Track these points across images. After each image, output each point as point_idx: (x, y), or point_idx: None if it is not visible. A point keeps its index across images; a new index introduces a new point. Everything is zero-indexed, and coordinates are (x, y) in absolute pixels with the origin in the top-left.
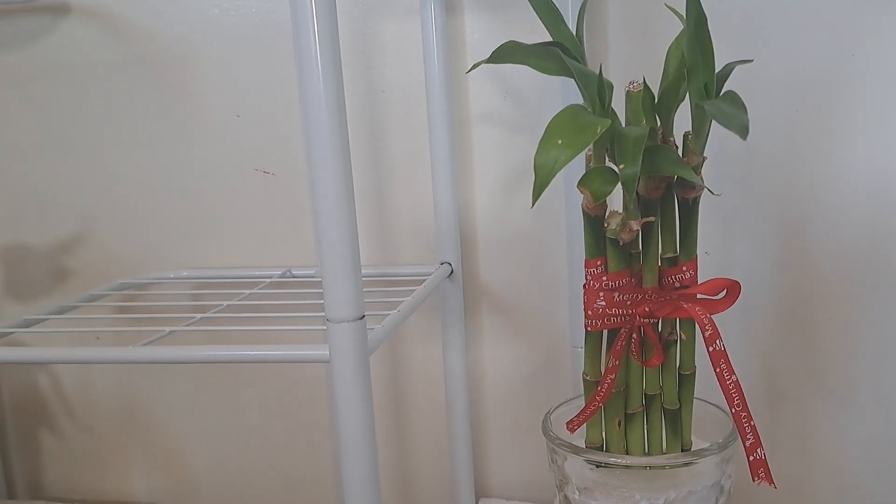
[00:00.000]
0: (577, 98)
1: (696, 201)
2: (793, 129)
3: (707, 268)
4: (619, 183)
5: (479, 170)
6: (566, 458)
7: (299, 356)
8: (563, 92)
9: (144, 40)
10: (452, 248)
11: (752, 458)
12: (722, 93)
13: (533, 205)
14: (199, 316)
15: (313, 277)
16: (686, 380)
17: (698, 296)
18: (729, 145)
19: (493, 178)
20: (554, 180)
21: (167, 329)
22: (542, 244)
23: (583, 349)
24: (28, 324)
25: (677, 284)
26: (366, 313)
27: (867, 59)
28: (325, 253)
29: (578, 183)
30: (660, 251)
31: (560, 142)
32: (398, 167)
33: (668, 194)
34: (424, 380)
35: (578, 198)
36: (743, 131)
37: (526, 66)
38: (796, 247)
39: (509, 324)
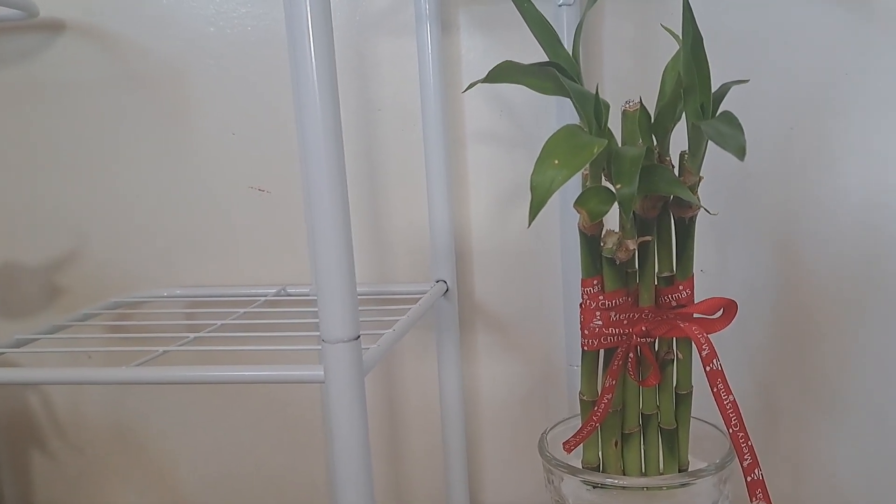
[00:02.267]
0: (572, 116)
1: (692, 220)
2: (787, 148)
3: (703, 285)
4: (616, 202)
5: (474, 187)
6: (563, 479)
7: (294, 377)
8: (557, 110)
9: (139, 58)
10: (448, 266)
11: (749, 478)
12: (718, 113)
13: (529, 224)
14: (192, 335)
15: (308, 296)
16: (683, 399)
17: (695, 315)
18: (724, 163)
19: (488, 195)
20: (549, 198)
21: (160, 349)
22: (537, 262)
23: (578, 367)
24: (20, 343)
25: (674, 303)
26: (361, 332)
27: (860, 78)
28: (321, 273)
29: (575, 202)
30: (656, 270)
31: (557, 162)
32: (393, 185)
33: (664, 213)
34: (419, 397)
35: (574, 216)
36: (740, 152)
37: (522, 85)
38: (792, 264)
39: (505, 341)
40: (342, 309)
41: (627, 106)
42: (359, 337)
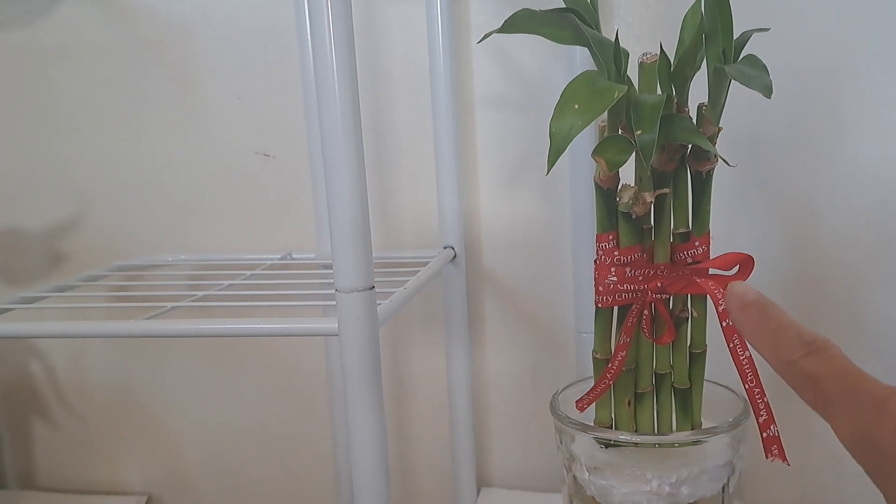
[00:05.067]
0: None
1: (709, 174)
2: (799, 116)
3: (711, 253)
4: (633, 154)
5: (483, 153)
6: (574, 439)
7: (307, 329)
8: (567, 75)
9: (144, 20)
10: (456, 233)
11: (765, 434)
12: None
13: (548, 172)
14: (200, 293)
15: (314, 260)
16: (697, 358)
17: (711, 271)
18: (736, 131)
19: (497, 161)
20: (560, 162)
21: (169, 305)
22: (547, 229)
23: (588, 334)
24: (25, 301)
25: (689, 260)
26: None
27: (875, 44)
28: (335, 221)
29: (593, 152)
30: (672, 226)
31: (577, 106)
32: (400, 150)
33: (680, 168)
34: (426, 368)
35: (584, 181)
36: (766, 90)
37: (531, 47)
38: (802, 234)
39: (512, 310)
40: (356, 257)
41: (645, 58)
42: (373, 287)
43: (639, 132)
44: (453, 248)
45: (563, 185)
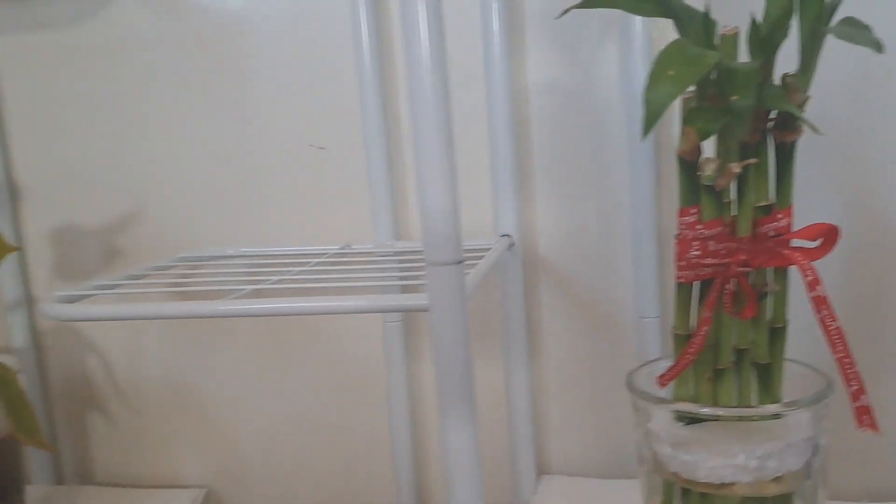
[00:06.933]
0: (632, 65)
1: (793, 145)
2: (861, 97)
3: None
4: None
5: (537, 138)
6: (650, 416)
7: (400, 306)
8: (622, 61)
9: (197, 15)
10: (512, 220)
11: (857, 404)
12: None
13: (644, 136)
14: (275, 278)
15: (373, 251)
16: (778, 333)
17: (794, 243)
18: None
19: (552, 145)
20: (618, 144)
21: (248, 287)
22: (603, 214)
23: (650, 319)
24: (101, 288)
25: (772, 233)
26: None
27: None
28: (424, 195)
29: (683, 122)
30: (754, 200)
31: (672, 73)
32: (454, 139)
33: (761, 140)
34: (483, 356)
35: (644, 163)
36: (876, 45)
37: (583, 37)
38: (867, 217)
39: (570, 297)
40: (446, 230)
41: (726, 30)
42: (462, 261)
43: (735, 98)
44: (510, 236)
45: (619, 168)
